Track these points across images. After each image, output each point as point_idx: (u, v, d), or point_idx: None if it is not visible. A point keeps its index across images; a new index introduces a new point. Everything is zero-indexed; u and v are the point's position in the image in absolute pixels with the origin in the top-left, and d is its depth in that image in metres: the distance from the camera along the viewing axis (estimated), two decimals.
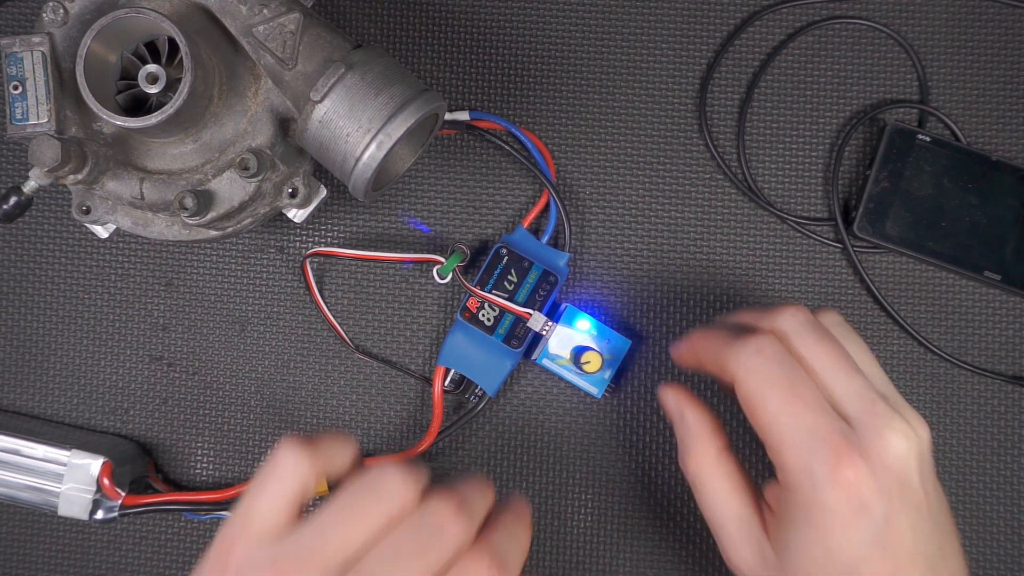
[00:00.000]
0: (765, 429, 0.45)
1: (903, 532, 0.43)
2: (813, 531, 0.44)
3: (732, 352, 0.46)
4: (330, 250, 0.63)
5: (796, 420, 0.44)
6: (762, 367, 0.45)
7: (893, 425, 0.44)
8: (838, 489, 0.43)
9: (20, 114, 0.50)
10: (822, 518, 0.43)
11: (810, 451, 0.43)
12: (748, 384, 0.46)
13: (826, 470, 0.43)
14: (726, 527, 0.48)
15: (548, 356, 0.61)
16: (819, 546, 0.44)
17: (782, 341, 0.47)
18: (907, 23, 0.66)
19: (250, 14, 0.51)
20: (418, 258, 0.64)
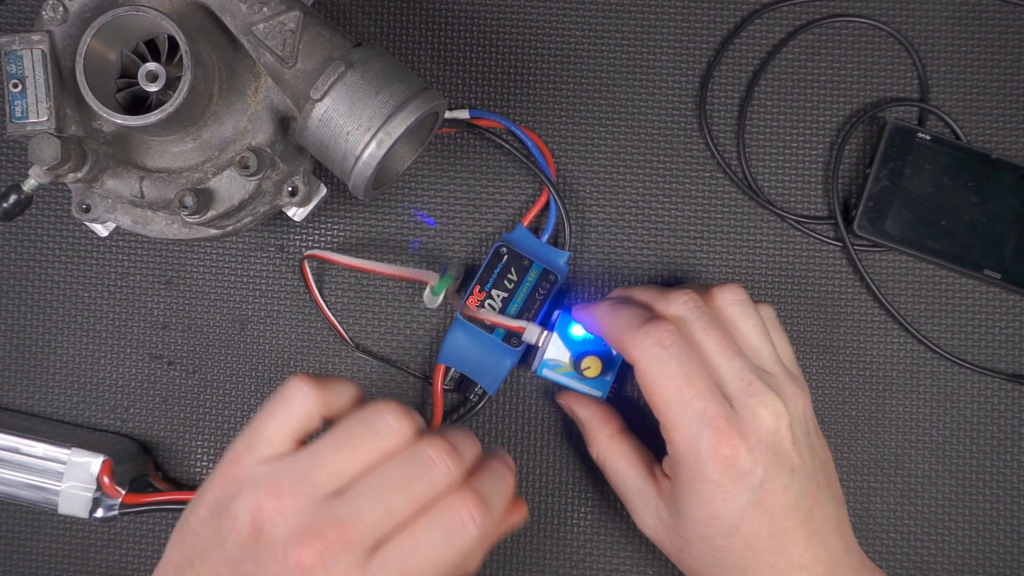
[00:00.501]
0: (659, 410, 0.51)
1: (777, 492, 0.50)
2: (698, 498, 0.51)
3: (635, 339, 0.52)
4: (326, 255, 0.63)
5: (685, 406, 0.50)
6: (659, 356, 0.51)
7: (766, 403, 0.51)
8: (718, 464, 0.50)
9: (20, 112, 0.50)
10: (705, 488, 0.50)
11: (696, 433, 0.50)
12: (647, 371, 0.51)
13: (708, 448, 0.50)
14: (630, 499, 0.56)
15: (548, 366, 0.61)
16: (703, 510, 0.51)
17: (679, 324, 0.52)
18: (907, 21, 0.66)
19: (250, 12, 0.51)
20: (409, 277, 0.64)
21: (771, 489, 0.50)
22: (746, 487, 0.50)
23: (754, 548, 0.51)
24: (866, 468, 0.64)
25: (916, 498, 0.63)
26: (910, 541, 0.63)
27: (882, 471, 0.64)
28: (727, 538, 0.51)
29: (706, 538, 0.51)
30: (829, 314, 0.64)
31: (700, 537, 0.51)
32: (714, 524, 0.50)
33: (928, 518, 0.63)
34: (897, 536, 0.63)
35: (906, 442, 0.64)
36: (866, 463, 0.64)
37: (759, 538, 0.50)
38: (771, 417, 0.51)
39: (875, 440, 0.64)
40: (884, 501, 0.63)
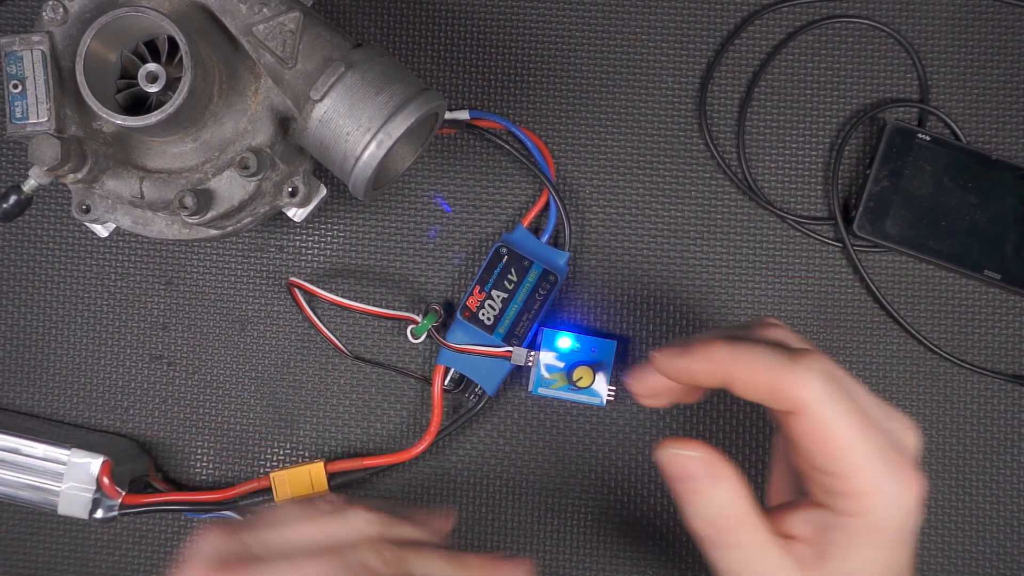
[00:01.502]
0: (840, 459, 0.42)
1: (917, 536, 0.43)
2: (880, 551, 0.42)
3: (795, 379, 0.42)
4: (309, 287, 0.63)
5: (869, 444, 0.41)
6: (833, 393, 0.41)
7: (907, 425, 0.44)
8: (911, 510, 0.42)
9: (20, 113, 0.50)
10: (892, 538, 0.42)
11: (887, 476, 0.41)
12: (823, 413, 0.41)
13: (902, 492, 0.42)
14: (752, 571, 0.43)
15: (542, 384, 0.61)
16: (882, 564, 0.42)
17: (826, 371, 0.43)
18: (907, 22, 0.66)
19: (250, 13, 0.51)
20: (393, 315, 0.64)
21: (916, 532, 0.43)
22: (914, 531, 0.43)
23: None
24: None
25: None
26: None
27: None
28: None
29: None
30: (829, 314, 0.64)
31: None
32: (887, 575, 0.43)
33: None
34: None
35: None
36: None
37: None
38: (916, 441, 0.44)
39: None
40: None
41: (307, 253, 0.66)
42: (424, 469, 0.64)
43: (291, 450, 0.65)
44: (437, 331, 0.62)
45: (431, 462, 0.64)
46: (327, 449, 0.65)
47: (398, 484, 0.64)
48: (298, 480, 0.61)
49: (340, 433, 0.65)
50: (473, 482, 0.64)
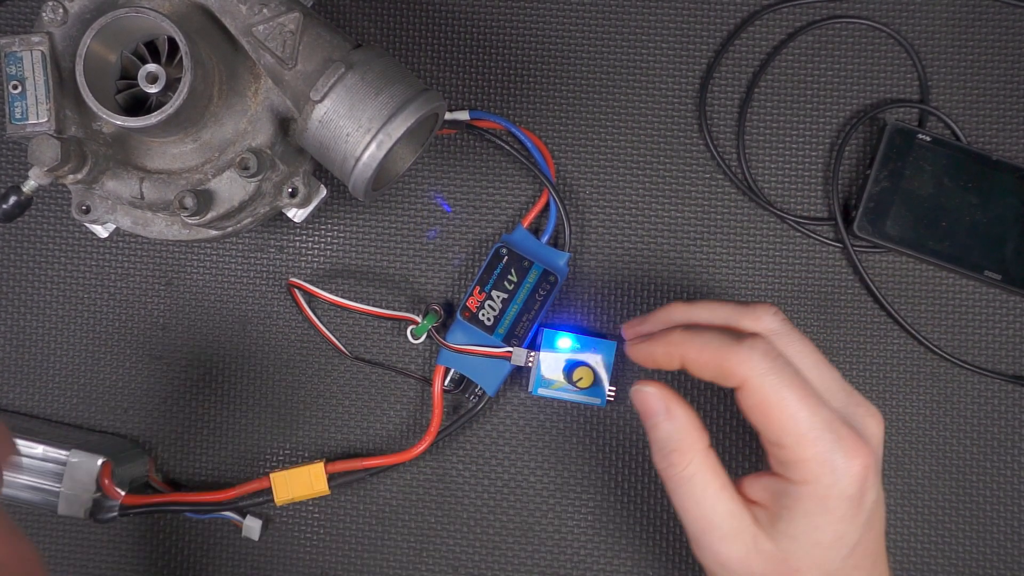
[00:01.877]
0: (783, 429, 0.46)
1: (879, 509, 0.48)
2: (827, 518, 0.46)
3: (739, 358, 0.47)
4: (309, 287, 0.63)
5: (813, 417, 0.46)
6: (773, 370, 0.46)
7: (871, 412, 0.49)
8: (854, 478, 0.46)
9: (20, 113, 0.50)
10: (838, 505, 0.46)
11: (830, 446, 0.46)
12: (763, 388, 0.46)
13: (844, 461, 0.45)
14: (718, 524, 0.48)
15: (543, 384, 0.61)
16: (830, 531, 0.46)
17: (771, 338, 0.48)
18: (907, 23, 0.66)
19: (250, 13, 0.51)
20: (393, 315, 0.64)
21: (877, 505, 0.48)
22: (867, 503, 0.47)
23: (859, 568, 0.48)
24: None
25: (916, 498, 0.63)
26: (910, 541, 0.63)
27: (882, 471, 0.63)
28: (844, 560, 0.47)
29: (823, 563, 0.47)
30: (829, 315, 0.64)
31: (816, 563, 0.47)
32: (837, 545, 0.47)
33: (928, 518, 0.63)
34: (897, 536, 0.63)
35: (906, 442, 0.64)
36: None
37: (865, 557, 0.48)
38: (879, 426, 0.49)
39: None
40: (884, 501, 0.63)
41: (307, 253, 0.66)
42: (424, 469, 0.64)
43: (291, 450, 0.65)
44: (437, 331, 0.62)
45: (431, 462, 0.64)
46: (327, 449, 0.65)
47: (398, 484, 0.64)
48: (298, 480, 0.61)
49: (340, 433, 0.65)
50: (473, 482, 0.64)
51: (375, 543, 0.64)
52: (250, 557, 0.64)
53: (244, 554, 0.64)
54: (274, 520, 0.64)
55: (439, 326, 0.63)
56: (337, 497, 0.64)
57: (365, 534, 0.64)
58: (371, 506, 0.64)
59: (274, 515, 0.64)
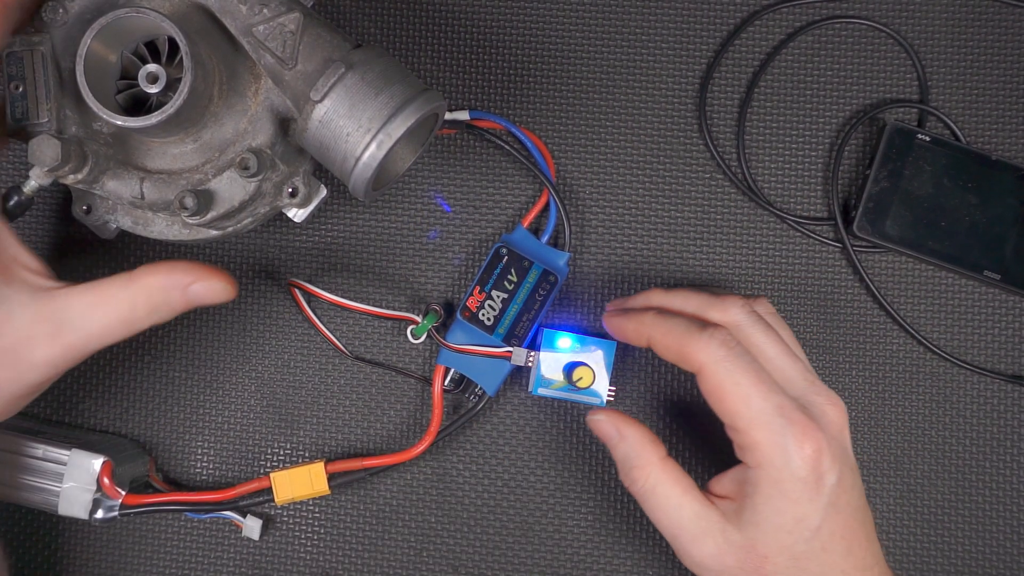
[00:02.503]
0: (735, 412, 0.50)
1: (848, 491, 0.50)
2: (784, 501, 0.49)
3: (699, 344, 0.51)
4: (309, 287, 0.63)
5: (764, 402, 0.49)
6: (728, 357, 0.50)
7: (831, 400, 0.51)
8: (805, 460, 0.49)
9: (20, 113, 0.50)
10: (792, 488, 0.49)
11: (779, 428, 0.49)
12: (716, 374, 0.50)
13: (794, 444, 0.49)
14: (686, 528, 0.52)
15: (543, 384, 0.61)
16: (788, 514, 0.49)
17: (734, 331, 0.52)
18: (907, 23, 0.66)
19: (250, 14, 0.51)
20: (393, 315, 0.64)
21: (843, 488, 0.50)
22: (827, 485, 0.49)
23: (829, 552, 0.50)
24: (866, 468, 0.64)
25: (916, 498, 0.63)
26: (910, 541, 0.63)
27: (882, 471, 0.64)
28: (809, 542, 0.49)
29: (788, 546, 0.49)
30: (829, 315, 0.64)
31: (782, 546, 0.49)
32: (799, 528, 0.49)
33: (928, 518, 0.63)
34: (897, 536, 0.63)
35: (906, 442, 0.64)
36: (866, 463, 0.64)
37: (834, 540, 0.50)
38: (839, 414, 0.51)
39: (875, 440, 0.64)
40: (884, 501, 0.63)
41: (307, 253, 0.66)
42: (424, 469, 0.64)
43: (291, 450, 0.65)
44: (437, 331, 0.62)
45: (431, 462, 0.64)
46: (327, 449, 0.65)
47: (398, 484, 0.64)
48: (298, 480, 0.61)
49: (340, 433, 0.65)
50: (473, 482, 0.64)
51: (375, 543, 0.64)
52: (250, 557, 0.64)
53: (244, 554, 0.64)
54: (274, 520, 0.64)
55: (439, 326, 0.63)
56: (337, 497, 0.64)
57: (365, 534, 0.64)
58: (371, 506, 0.64)
59: (274, 515, 0.64)
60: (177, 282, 0.50)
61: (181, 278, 0.50)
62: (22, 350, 0.48)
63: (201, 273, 0.50)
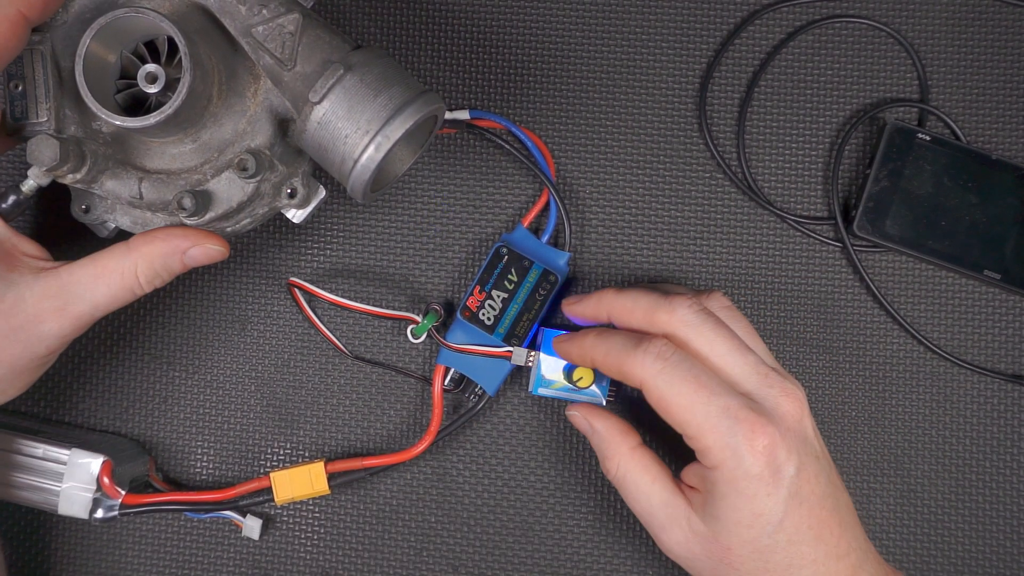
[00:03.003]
0: (682, 421, 0.51)
1: (811, 481, 0.50)
2: (741, 499, 0.50)
3: (635, 360, 0.52)
4: (308, 287, 0.63)
5: (708, 406, 0.50)
6: (666, 370, 0.51)
7: (787, 391, 0.51)
8: (757, 456, 0.49)
9: (19, 113, 0.50)
10: (747, 485, 0.49)
11: (727, 429, 0.49)
12: (656, 387, 0.51)
13: (745, 443, 0.49)
14: (656, 515, 0.54)
15: (543, 384, 0.61)
16: (747, 510, 0.50)
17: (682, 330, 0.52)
18: (907, 22, 0.66)
19: (249, 14, 0.51)
20: (393, 315, 0.64)
21: (806, 478, 0.50)
22: (785, 478, 0.49)
23: (796, 543, 0.50)
24: (866, 468, 0.64)
25: (916, 498, 0.63)
26: (910, 541, 0.63)
27: (882, 471, 0.64)
28: (772, 535, 0.50)
29: (751, 540, 0.50)
30: (829, 314, 0.64)
31: (744, 540, 0.50)
32: (759, 522, 0.50)
33: (928, 518, 0.63)
34: (897, 536, 0.63)
35: (906, 442, 0.64)
36: (866, 463, 0.64)
37: (800, 531, 0.50)
38: (795, 405, 0.51)
39: (875, 440, 0.64)
40: (884, 501, 0.63)
41: (307, 253, 0.66)
42: (424, 469, 0.64)
43: (291, 450, 0.65)
44: (437, 331, 0.62)
45: (431, 462, 0.65)
46: (327, 449, 0.65)
47: (398, 484, 0.64)
48: (298, 480, 0.61)
49: (340, 433, 0.65)
50: (473, 482, 0.64)
51: (375, 543, 0.64)
52: (250, 557, 0.64)
53: (244, 554, 0.64)
54: (274, 520, 0.64)
55: (439, 325, 0.63)
56: (337, 497, 0.64)
57: (365, 534, 0.64)
58: (371, 506, 0.64)
59: (274, 515, 0.65)
60: (174, 248, 0.52)
61: (178, 243, 0.52)
62: (31, 327, 0.51)
63: (196, 238, 0.53)
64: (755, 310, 0.64)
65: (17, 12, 0.48)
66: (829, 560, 0.51)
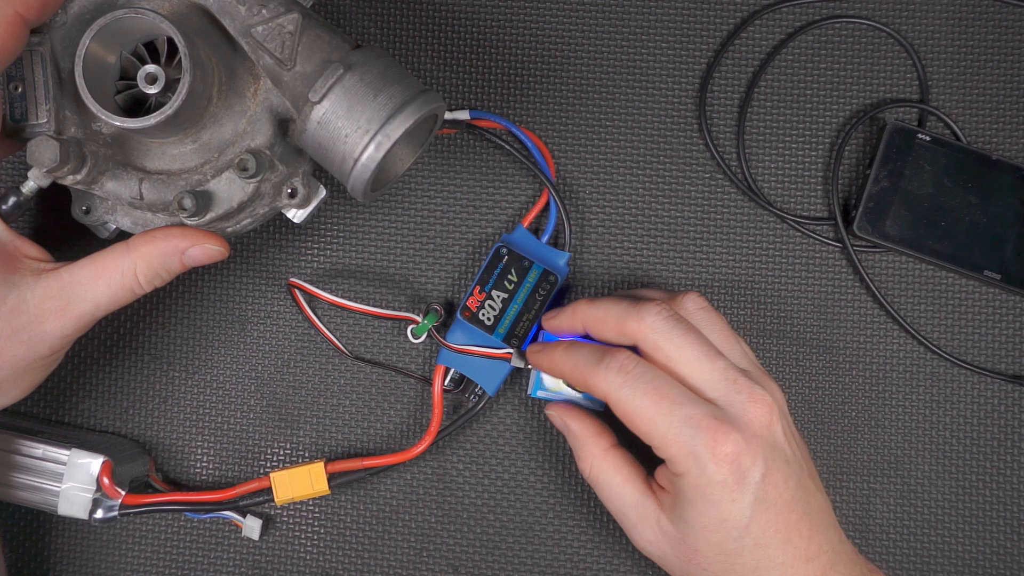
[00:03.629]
0: (647, 433, 0.51)
1: (778, 485, 0.51)
2: (706, 504, 0.50)
3: (598, 375, 0.53)
4: (308, 287, 0.63)
5: (669, 416, 0.50)
6: (625, 382, 0.52)
7: (754, 397, 0.51)
8: (720, 463, 0.49)
9: (19, 114, 0.50)
10: (712, 491, 0.50)
11: (690, 438, 0.50)
12: (619, 400, 0.52)
13: (707, 451, 0.50)
14: (627, 515, 0.55)
15: (542, 387, 0.61)
16: (712, 515, 0.50)
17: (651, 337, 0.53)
18: (907, 22, 0.66)
19: (249, 14, 0.51)
20: (393, 315, 0.64)
21: (772, 483, 0.50)
22: (750, 483, 0.50)
23: (763, 546, 0.51)
24: (866, 468, 0.64)
25: (916, 498, 0.63)
26: (910, 541, 0.63)
27: (882, 471, 0.64)
28: (738, 540, 0.50)
29: (717, 544, 0.51)
30: (829, 315, 0.64)
31: (710, 544, 0.51)
32: (724, 527, 0.50)
33: (928, 518, 0.63)
34: (897, 536, 0.63)
35: (906, 442, 0.64)
36: (866, 463, 0.64)
37: (767, 535, 0.50)
38: (762, 410, 0.51)
39: (875, 440, 0.64)
40: (884, 501, 0.63)
41: (307, 253, 0.66)
42: (424, 469, 0.64)
43: (291, 450, 0.65)
44: (437, 331, 0.62)
45: (431, 462, 0.65)
46: (327, 449, 0.65)
47: (398, 484, 0.64)
48: (298, 480, 0.61)
49: (340, 433, 0.65)
50: (473, 482, 0.64)
51: (375, 543, 0.64)
52: (250, 557, 0.64)
53: (244, 554, 0.64)
54: (274, 520, 0.65)
55: (439, 326, 0.63)
56: (337, 497, 0.64)
57: (365, 534, 0.64)
58: (371, 506, 0.64)
59: (274, 515, 0.65)
60: (173, 248, 0.53)
61: (177, 243, 0.53)
62: (34, 328, 0.51)
63: (196, 237, 0.53)
64: (755, 310, 0.65)
65: (15, 13, 0.48)
66: (798, 563, 0.51)
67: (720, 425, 0.50)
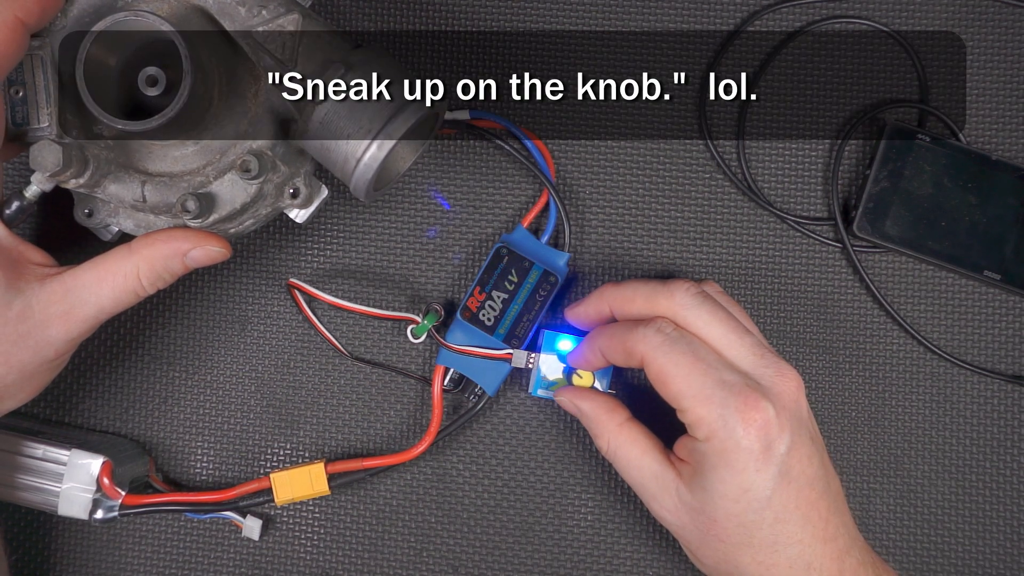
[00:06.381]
0: (679, 393, 0.51)
1: (802, 461, 0.51)
2: (729, 472, 0.50)
3: (637, 338, 0.53)
4: (308, 288, 0.63)
5: (705, 377, 0.51)
6: (665, 343, 0.52)
7: (783, 371, 0.52)
8: (749, 428, 0.50)
9: (21, 119, 0.50)
10: (738, 458, 0.50)
11: (721, 401, 0.50)
12: (658, 359, 0.52)
13: (738, 415, 0.50)
14: (647, 486, 0.55)
15: (542, 386, 0.61)
16: (735, 484, 0.50)
17: (681, 313, 0.53)
18: (907, 23, 0.66)
19: (249, 16, 0.51)
20: (393, 316, 0.64)
21: (797, 458, 0.51)
22: (776, 455, 0.50)
23: (783, 521, 0.51)
24: (866, 468, 0.64)
25: (916, 498, 0.63)
26: (910, 541, 0.63)
27: (882, 471, 0.64)
28: (759, 512, 0.50)
29: (736, 514, 0.51)
30: (829, 315, 0.64)
31: (729, 514, 0.51)
32: (746, 497, 0.50)
33: (928, 518, 0.63)
34: (897, 536, 0.63)
35: (906, 442, 0.64)
36: (866, 463, 0.64)
37: (787, 510, 0.50)
38: (792, 385, 0.52)
39: (875, 440, 0.64)
40: (884, 501, 0.63)
41: (307, 253, 0.66)
42: (424, 469, 0.65)
43: (291, 450, 0.65)
44: (437, 331, 0.62)
45: (431, 462, 0.65)
46: (327, 449, 0.65)
47: (398, 484, 0.64)
48: (298, 480, 0.61)
49: (340, 433, 0.65)
50: (473, 482, 0.64)
51: (375, 543, 0.64)
52: (250, 557, 0.64)
53: (244, 554, 0.64)
54: (274, 520, 0.65)
55: (439, 326, 0.63)
56: (337, 497, 0.64)
57: (365, 534, 0.64)
58: (371, 506, 0.64)
59: (274, 515, 0.65)
60: (175, 249, 0.53)
61: (179, 245, 0.53)
62: (40, 332, 0.52)
63: (197, 239, 0.53)
64: (755, 310, 0.65)
65: (15, 18, 0.48)
66: (816, 542, 0.51)
67: (752, 393, 0.50)
